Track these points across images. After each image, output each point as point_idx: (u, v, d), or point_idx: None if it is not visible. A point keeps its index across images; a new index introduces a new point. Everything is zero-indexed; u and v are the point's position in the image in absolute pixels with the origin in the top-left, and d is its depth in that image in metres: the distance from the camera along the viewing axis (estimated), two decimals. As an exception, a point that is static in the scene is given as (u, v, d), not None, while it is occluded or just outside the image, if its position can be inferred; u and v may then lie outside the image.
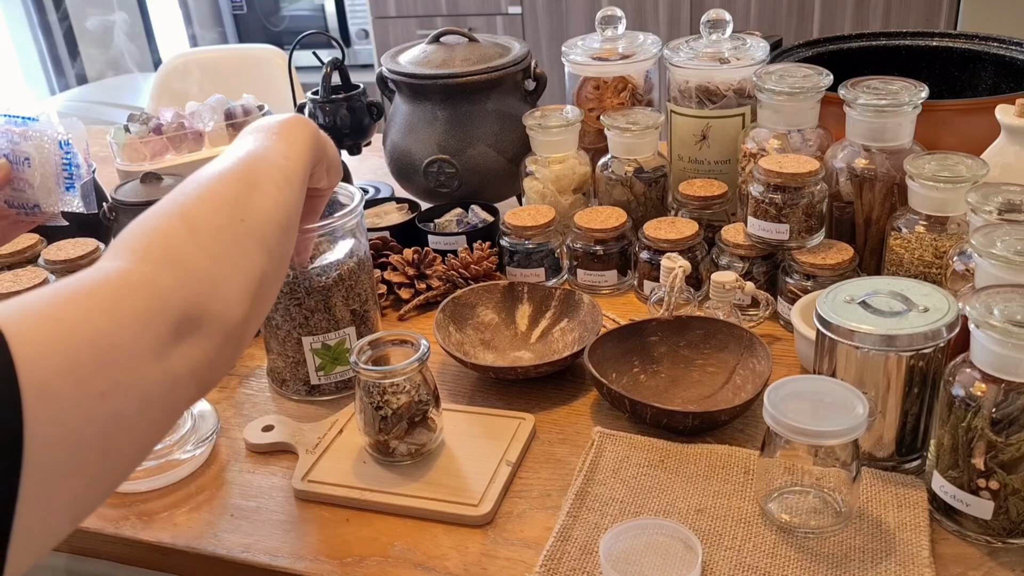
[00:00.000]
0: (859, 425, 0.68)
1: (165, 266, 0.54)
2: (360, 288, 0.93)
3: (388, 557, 0.75)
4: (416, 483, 0.81)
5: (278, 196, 0.64)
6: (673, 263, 0.95)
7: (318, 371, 0.94)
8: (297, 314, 0.91)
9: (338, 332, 0.92)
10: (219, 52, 2.87)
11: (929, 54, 1.24)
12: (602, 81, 1.25)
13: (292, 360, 0.94)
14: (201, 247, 0.56)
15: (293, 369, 0.95)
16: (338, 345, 0.93)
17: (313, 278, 0.89)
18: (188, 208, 0.59)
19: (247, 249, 0.60)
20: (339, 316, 0.92)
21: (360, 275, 0.93)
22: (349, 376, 0.95)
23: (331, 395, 0.95)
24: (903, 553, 0.69)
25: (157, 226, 0.57)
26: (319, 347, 0.92)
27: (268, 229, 0.62)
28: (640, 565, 0.69)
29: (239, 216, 0.60)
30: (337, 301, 0.91)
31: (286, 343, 0.93)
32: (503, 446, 0.84)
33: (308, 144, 0.72)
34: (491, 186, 1.27)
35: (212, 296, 0.55)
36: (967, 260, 0.83)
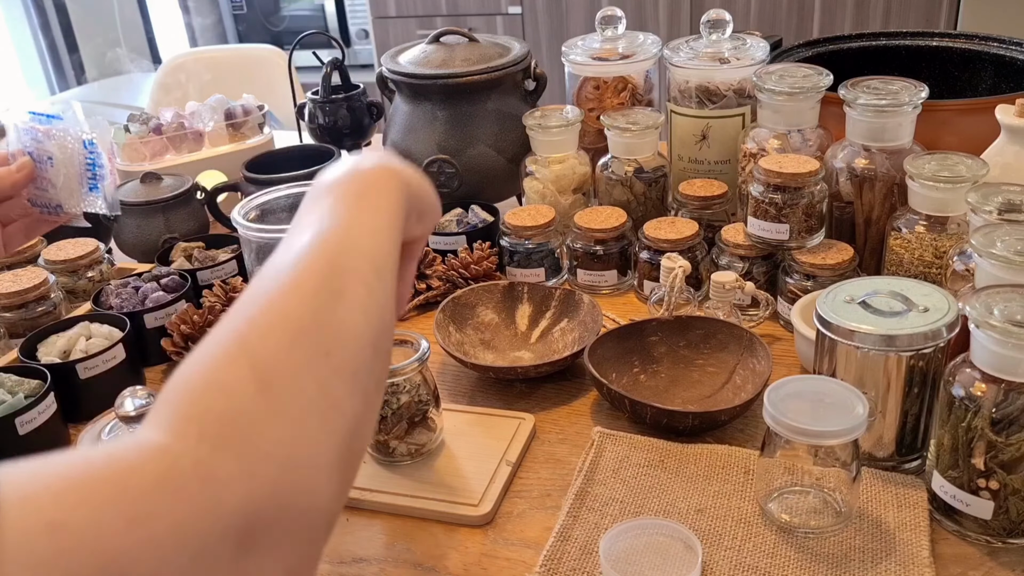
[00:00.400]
0: (859, 425, 0.68)
1: (227, 446, 0.39)
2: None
3: (388, 557, 0.75)
4: (416, 483, 0.81)
5: (369, 302, 0.49)
6: (673, 263, 0.95)
7: None
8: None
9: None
10: (219, 52, 2.87)
11: (929, 54, 1.24)
12: (602, 81, 1.25)
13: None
14: (275, 408, 0.41)
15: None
16: None
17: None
18: (255, 344, 0.43)
19: (336, 397, 0.44)
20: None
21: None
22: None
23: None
24: (903, 553, 0.69)
25: (217, 379, 0.42)
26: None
27: (361, 358, 0.47)
28: (640, 565, 0.69)
29: (323, 348, 0.45)
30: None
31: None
32: (503, 446, 0.84)
33: (399, 205, 0.57)
34: (491, 186, 1.27)
35: (291, 484, 0.40)
36: (967, 260, 0.83)
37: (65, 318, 1.02)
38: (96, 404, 0.95)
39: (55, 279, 1.08)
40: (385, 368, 0.51)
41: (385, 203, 0.56)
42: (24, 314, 1.04)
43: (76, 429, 0.93)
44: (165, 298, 1.04)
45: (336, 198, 0.54)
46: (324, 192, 0.55)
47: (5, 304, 1.03)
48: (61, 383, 0.91)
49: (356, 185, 0.56)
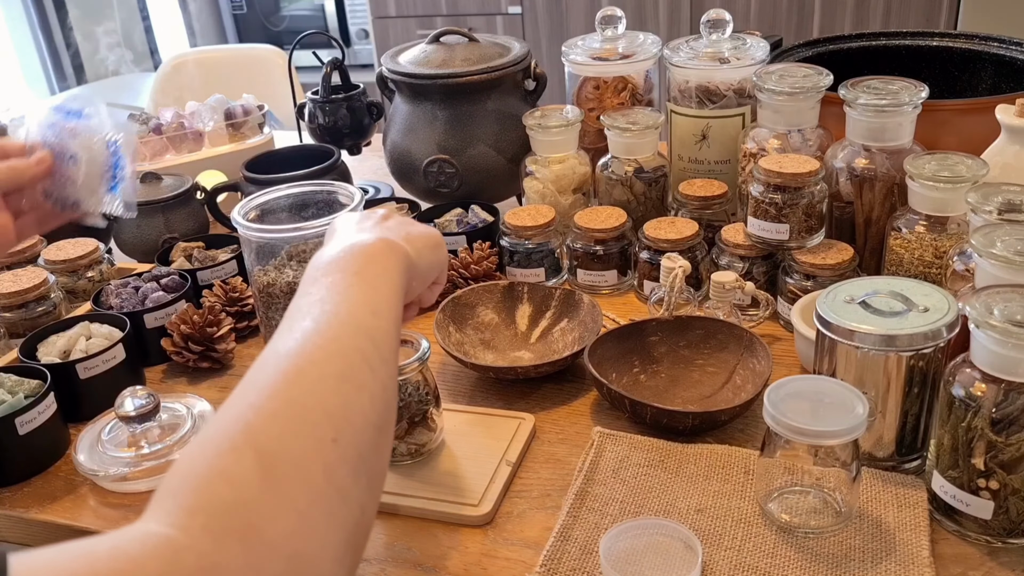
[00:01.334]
0: (859, 425, 0.68)
1: (232, 538, 0.38)
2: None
3: (388, 557, 0.75)
4: (416, 483, 0.81)
5: (374, 386, 0.48)
6: (673, 263, 0.95)
7: None
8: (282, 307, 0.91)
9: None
10: (219, 52, 2.87)
11: (929, 54, 1.24)
12: (602, 81, 1.25)
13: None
14: (281, 499, 0.40)
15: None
16: None
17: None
18: (259, 431, 0.43)
19: (342, 485, 0.43)
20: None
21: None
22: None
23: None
24: (903, 553, 0.69)
25: (222, 468, 0.40)
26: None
27: (366, 442, 0.46)
28: (640, 565, 0.69)
29: (329, 435, 0.44)
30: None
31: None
32: (503, 446, 0.84)
33: (398, 279, 0.57)
34: (491, 186, 1.27)
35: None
36: (967, 260, 0.83)
37: (65, 318, 1.02)
38: (96, 404, 0.95)
39: (55, 279, 1.08)
40: (388, 446, 0.51)
41: (384, 279, 0.55)
42: (24, 314, 1.04)
43: (76, 429, 0.93)
44: (165, 298, 1.04)
45: (335, 278, 0.54)
46: (323, 271, 0.54)
47: (5, 304, 1.03)
48: (61, 383, 0.91)
49: (355, 263, 0.55)
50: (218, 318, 1.02)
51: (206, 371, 1.02)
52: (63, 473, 0.88)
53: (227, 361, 1.03)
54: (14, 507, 0.84)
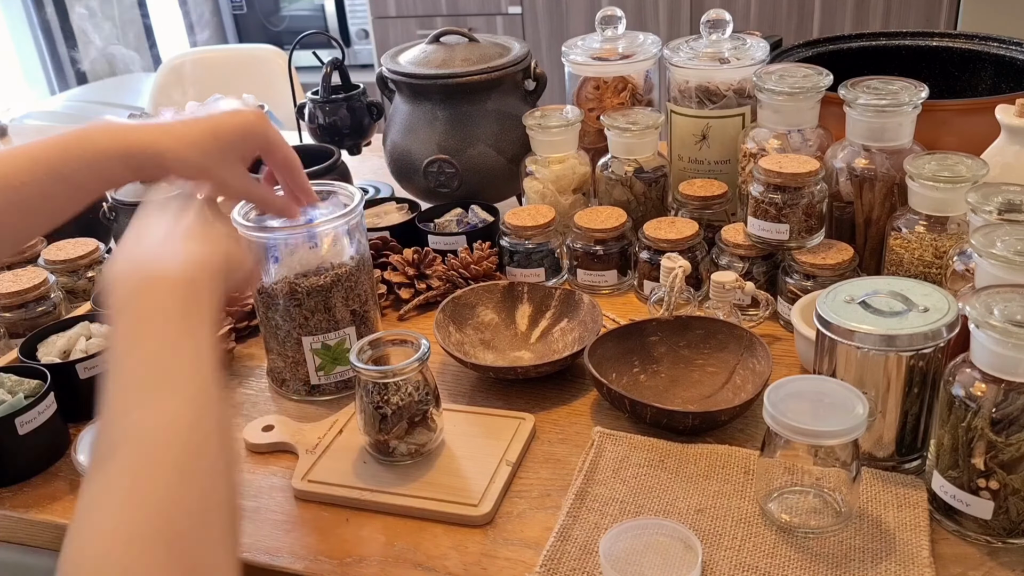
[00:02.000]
0: (859, 425, 0.68)
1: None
2: (360, 289, 0.93)
3: (388, 557, 0.75)
4: (416, 483, 0.81)
5: (219, 452, 0.49)
6: (673, 263, 0.95)
7: (318, 371, 0.94)
8: (297, 315, 0.91)
9: (338, 332, 0.92)
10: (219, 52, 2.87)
11: (929, 54, 1.24)
12: (602, 81, 1.25)
13: (292, 360, 0.94)
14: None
15: (293, 369, 0.94)
16: (338, 345, 0.93)
17: (312, 279, 0.89)
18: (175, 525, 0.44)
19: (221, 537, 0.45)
20: (339, 316, 0.92)
21: (360, 276, 0.93)
22: (349, 376, 0.94)
23: (331, 395, 0.95)
24: (903, 553, 0.69)
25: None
26: (319, 347, 0.92)
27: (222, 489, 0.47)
28: (640, 565, 0.69)
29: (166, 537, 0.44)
30: (337, 302, 0.91)
31: (286, 343, 0.93)
32: (503, 446, 0.84)
33: (217, 302, 0.57)
34: (491, 186, 1.27)
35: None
36: (967, 260, 0.83)
37: (65, 318, 1.02)
38: (96, 404, 0.95)
39: (55, 279, 1.08)
40: (238, 473, 0.52)
41: (207, 312, 0.54)
42: (24, 314, 1.04)
43: (76, 429, 0.93)
44: (165, 298, 1.04)
45: (151, 323, 0.52)
46: (137, 315, 0.53)
47: (5, 304, 1.03)
48: (61, 383, 0.91)
49: (172, 309, 0.53)
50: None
51: (206, 371, 1.02)
52: (63, 473, 0.88)
53: (227, 361, 1.03)
54: (14, 507, 0.84)
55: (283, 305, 0.90)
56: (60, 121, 2.57)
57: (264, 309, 0.92)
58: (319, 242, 0.89)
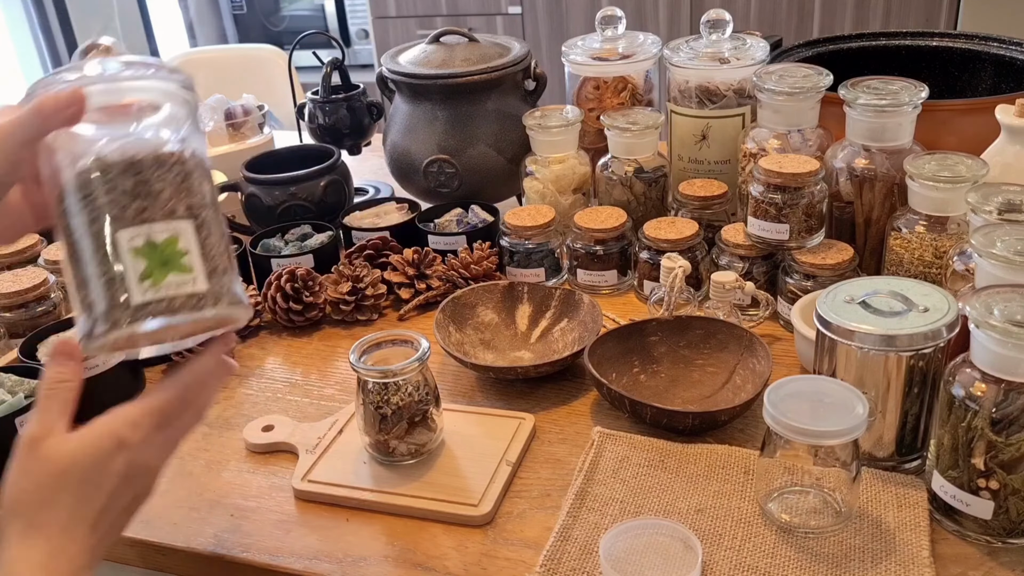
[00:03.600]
0: (859, 425, 0.68)
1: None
2: (195, 188, 0.63)
3: (388, 557, 0.75)
4: (416, 483, 0.81)
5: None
6: (673, 263, 0.95)
7: (142, 280, 0.60)
8: (107, 203, 0.60)
9: (168, 225, 0.61)
10: (219, 52, 2.88)
11: (929, 54, 1.24)
12: (602, 81, 1.25)
13: (105, 280, 0.61)
14: None
15: (108, 293, 0.61)
16: (168, 244, 0.61)
17: (127, 151, 0.61)
18: None
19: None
20: (167, 207, 0.61)
21: (193, 174, 0.63)
22: (187, 292, 0.61)
23: (163, 316, 0.60)
24: (903, 553, 0.69)
25: None
26: (141, 244, 0.61)
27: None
28: (640, 565, 0.69)
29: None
30: (162, 187, 0.61)
31: (92, 260, 0.61)
32: (503, 446, 0.84)
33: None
34: (491, 186, 1.27)
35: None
36: (967, 260, 0.83)
37: (65, 318, 1.02)
38: (96, 404, 0.95)
39: (55, 279, 1.08)
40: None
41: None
42: (24, 314, 1.04)
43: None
44: (165, 298, 1.03)
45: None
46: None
47: (5, 304, 1.03)
48: (61, 383, 0.91)
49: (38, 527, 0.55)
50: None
51: (206, 371, 1.02)
52: (63, 473, 0.87)
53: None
54: (14, 507, 0.83)
55: (88, 198, 0.61)
56: (60, 121, 2.57)
57: (63, 222, 0.63)
58: (137, 124, 0.64)
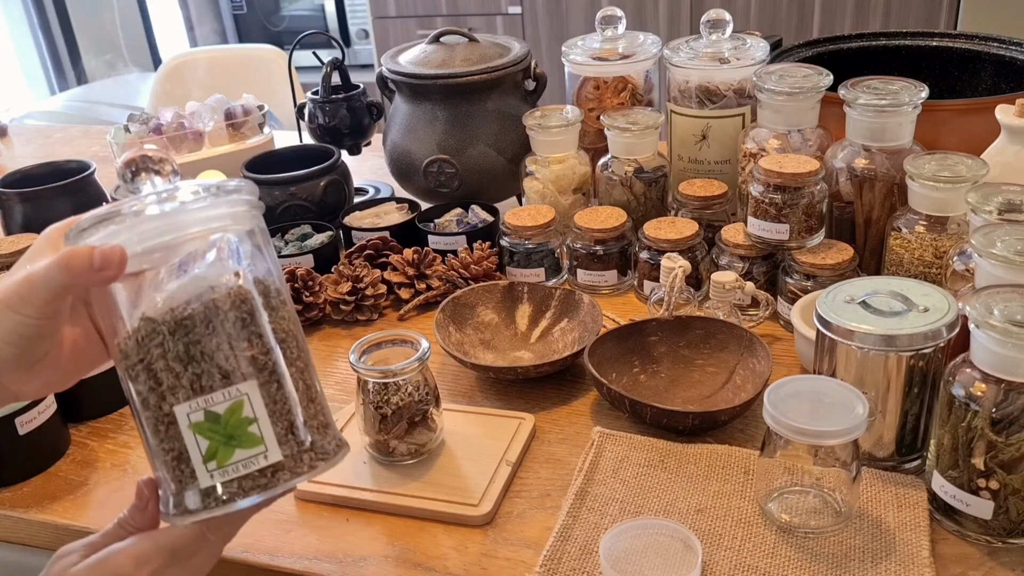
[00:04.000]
0: (859, 425, 0.68)
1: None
2: (260, 328, 0.55)
3: (388, 557, 0.75)
4: (416, 483, 0.81)
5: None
6: (673, 263, 0.95)
7: (207, 461, 0.54)
8: (163, 371, 0.54)
9: (227, 391, 0.54)
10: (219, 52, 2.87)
11: (929, 54, 1.24)
12: (602, 81, 1.25)
13: (173, 456, 0.55)
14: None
15: (177, 472, 0.55)
16: (231, 413, 0.54)
17: (176, 310, 0.54)
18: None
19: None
20: (227, 367, 0.54)
21: (256, 308, 0.55)
22: (259, 467, 0.55)
23: (235, 500, 0.55)
24: (903, 553, 0.69)
25: None
26: (200, 419, 0.54)
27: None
28: (640, 565, 0.69)
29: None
30: (220, 342, 0.54)
31: (158, 432, 0.55)
32: (503, 446, 0.84)
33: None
34: (491, 186, 1.27)
35: None
36: (967, 260, 0.83)
37: (65, 318, 1.02)
38: (96, 404, 0.95)
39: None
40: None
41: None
42: (24, 314, 1.04)
43: (76, 429, 0.93)
44: (165, 298, 1.03)
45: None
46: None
47: (5, 304, 1.03)
48: (61, 383, 0.91)
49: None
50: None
51: (206, 371, 1.02)
52: (63, 473, 0.88)
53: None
54: (14, 507, 0.84)
55: (144, 363, 0.54)
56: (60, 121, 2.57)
57: (127, 385, 0.56)
58: (187, 265, 0.55)
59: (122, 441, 0.92)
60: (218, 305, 0.54)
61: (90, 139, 1.94)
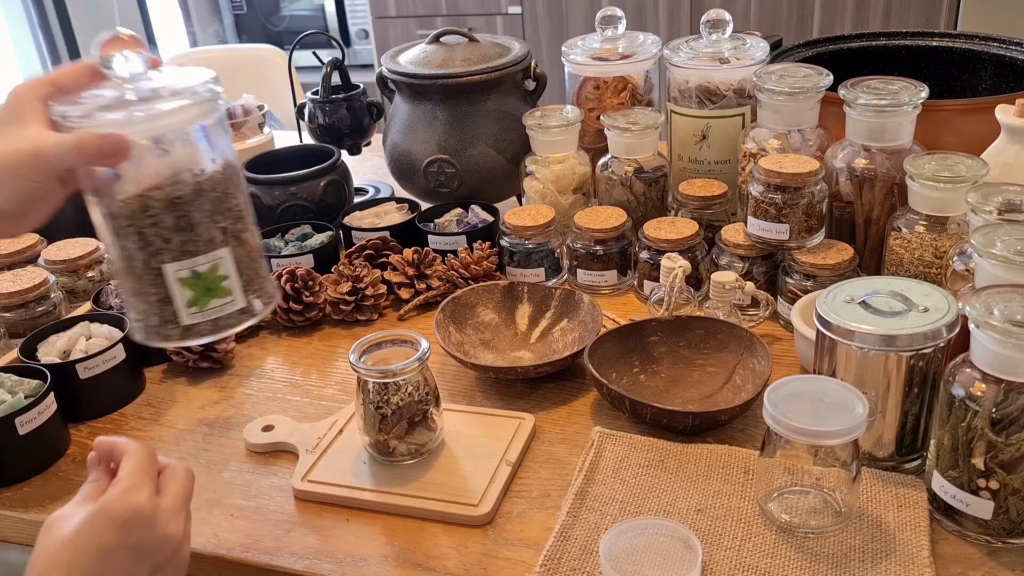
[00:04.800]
0: (859, 425, 0.68)
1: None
2: (231, 203, 0.72)
3: (388, 557, 0.75)
4: (416, 483, 0.81)
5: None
6: (673, 263, 0.95)
7: (190, 306, 0.71)
8: (154, 237, 0.69)
9: (208, 255, 0.70)
10: (219, 52, 2.88)
11: (929, 54, 1.24)
12: (602, 81, 1.25)
13: (156, 299, 0.71)
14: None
15: (159, 310, 0.71)
16: (211, 272, 0.72)
17: (167, 190, 0.69)
18: None
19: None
20: (207, 236, 0.70)
21: (227, 186, 0.72)
22: (228, 312, 0.72)
23: (208, 335, 0.72)
24: (903, 553, 0.69)
25: None
26: (187, 275, 0.70)
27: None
28: (640, 565, 0.69)
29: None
30: (202, 218, 0.70)
31: (144, 278, 0.71)
32: (503, 446, 0.84)
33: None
34: (491, 186, 1.27)
35: None
36: (967, 260, 0.83)
37: (65, 318, 1.02)
38: (96, 404, 0.95)
39: (55, 279, 1.08)
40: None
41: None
42: (24, 314, 1.04)
43: (76, 429, 0.93)
44: (165, 298, 1.03)
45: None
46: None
47: (5, 304, 1.03)
48: (61, 383, 0.91)
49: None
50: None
51: (206, 371, 1.02)
52: (63, 473, 0.88)
53: (227, 361, 1.03)
54: (14, 507, 0.84)
55: (135, 228, 0.69)
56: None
57: (113, 237, 0.71)
58: (167, 145, 0.70)
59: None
60: (202, 187, 0.70)
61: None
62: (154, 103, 0.68)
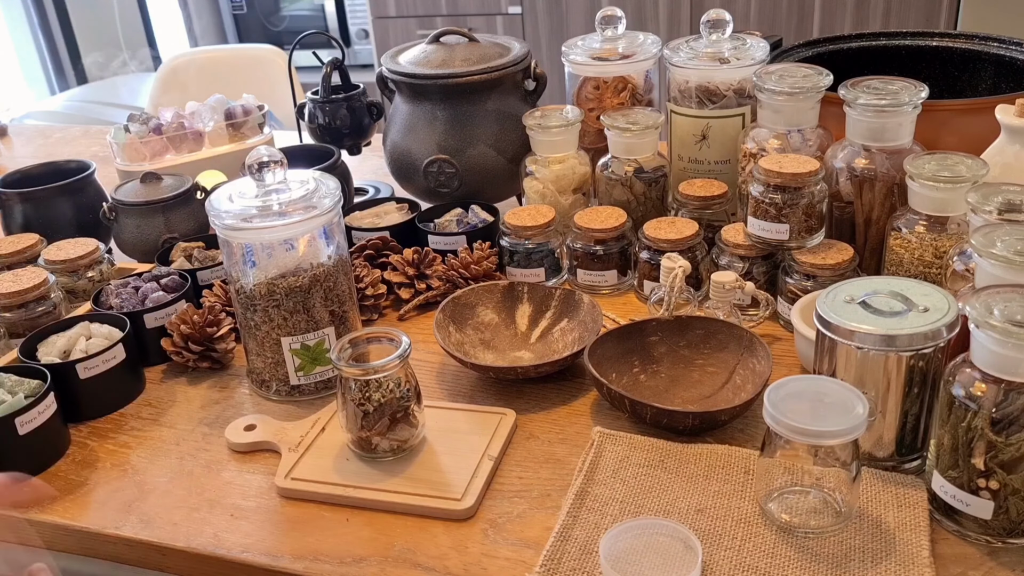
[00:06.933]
0: (859, 425, 0.68)
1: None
2: (338, 289, 0.94)
3: (388, 557, 0.75)
4: (398, 479, 0.81)
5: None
6: (673, 263, 0.95)
7: (298, 371, 0.94)
8: (276, 315, 0.91)
9: (317, 332, 0.93)
10: (219, 52, 2.87)
11: (929, 54, 1.24)
12: (602, 81, 1.25)
13: (271, 361, 0.94)
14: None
15: (273, 370, 0.95)
16: (317, 346, 0.93)
17: (290, 280, 0.90)
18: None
19: None
20: (318, 317, 0.92)
21: (338, 276, 0.93)
22: (329, 376, 0.95)
23: (311, 395, 0.95)
24: (903, 553, 0.69)
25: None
26: (298, 348, 0.93)
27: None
28: (640, 565, 0.69)
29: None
30: (315, 302, 0.92)
31: (265, 344, 0.93)
32: (485, 441, 0.85)
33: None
34: (491, 186, 1.27)
35: None
36: (967, 260, 0.83)
37: (65, 318, 1.02)
38: (96, 404, 0.95)
39: (55, 279, 1.08)
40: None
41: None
42: (24, 314, 1.04)
43: (76, 429, 0.93)
44: (165, 298, 1.04)
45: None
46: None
47: (5, 304, 1.03)
48: (61, 383, 0.91)
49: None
50: (218, 318, 1.02)
51: (206, 371, 1.02)
52: (63, 473, 0.88)
53: (227, 361, 1.03)
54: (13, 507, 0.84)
55: (261, 306, 0.91)
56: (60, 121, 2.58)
57: (243, 310, 0.93)
58: (295, 243, 0.90)
59: (122, 441, 0.92)
60: (317, 278, 0.91)
61: (90, 139, 1.94)
62: (290, 214, 0.87)
